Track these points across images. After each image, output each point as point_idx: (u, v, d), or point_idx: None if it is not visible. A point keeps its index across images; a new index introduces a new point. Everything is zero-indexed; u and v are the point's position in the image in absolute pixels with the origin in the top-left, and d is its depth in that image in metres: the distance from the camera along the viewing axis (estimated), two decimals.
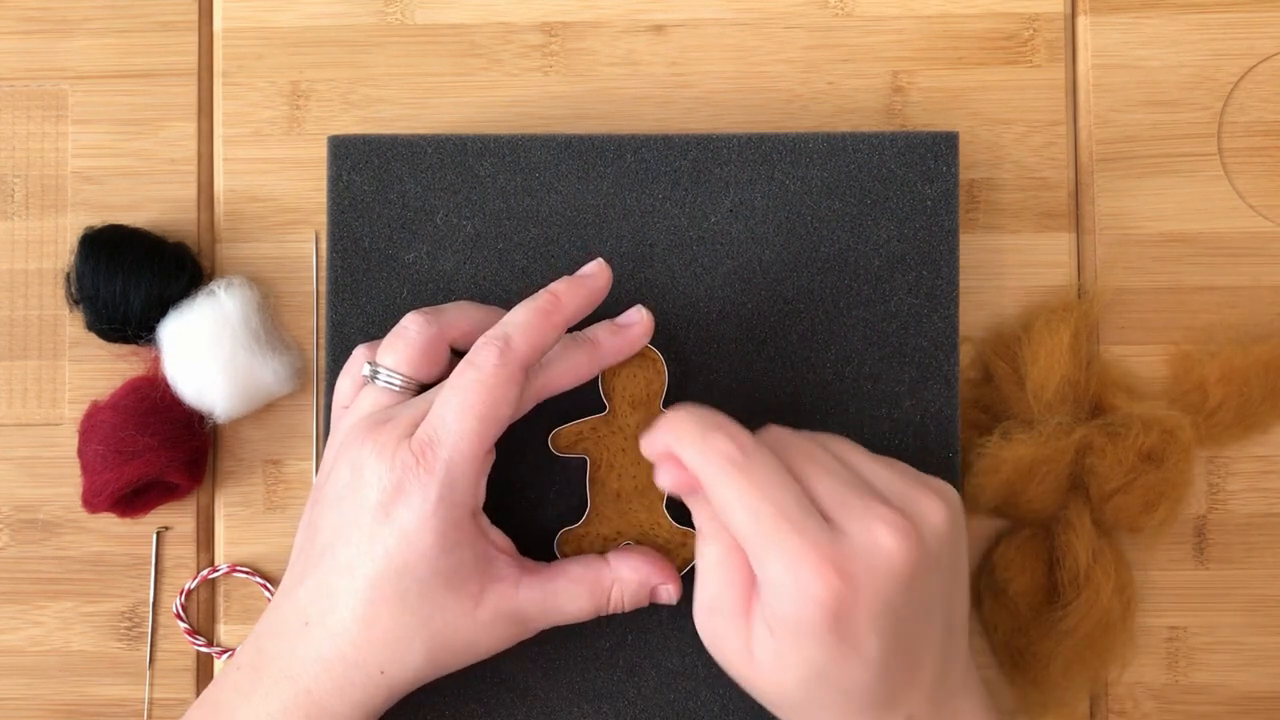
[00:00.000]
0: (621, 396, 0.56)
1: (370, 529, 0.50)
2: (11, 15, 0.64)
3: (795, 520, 0.46)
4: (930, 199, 0.59)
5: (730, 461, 0.47)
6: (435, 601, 0.50)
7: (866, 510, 0.47)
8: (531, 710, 0.58)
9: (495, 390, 0.49)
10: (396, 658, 0.50)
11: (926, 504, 0.48)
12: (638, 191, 0.59)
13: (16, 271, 0.64)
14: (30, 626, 0.63)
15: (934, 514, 0.48)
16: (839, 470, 0.49)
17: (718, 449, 0.47)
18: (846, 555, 0.45)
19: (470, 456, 0.49)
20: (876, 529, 0.46)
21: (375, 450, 0.50)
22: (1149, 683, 0.62)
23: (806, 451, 0.49)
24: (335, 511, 0.51)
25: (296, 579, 0.52)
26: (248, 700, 0.51)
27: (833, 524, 0.46)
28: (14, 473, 0.63)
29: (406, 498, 0.49)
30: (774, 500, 0.46)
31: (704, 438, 0.48)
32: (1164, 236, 0.63)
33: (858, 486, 0.48)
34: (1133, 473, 0.59)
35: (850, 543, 0.46)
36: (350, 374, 0.56)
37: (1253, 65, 0.63)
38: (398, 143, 0.59)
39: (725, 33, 0.64)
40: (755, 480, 0.47)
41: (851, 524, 0.46)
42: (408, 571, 0.49)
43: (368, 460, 0.50)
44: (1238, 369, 0.60)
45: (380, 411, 0.52)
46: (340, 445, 0.53)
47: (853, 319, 0.59)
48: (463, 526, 0.50)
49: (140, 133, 0.64)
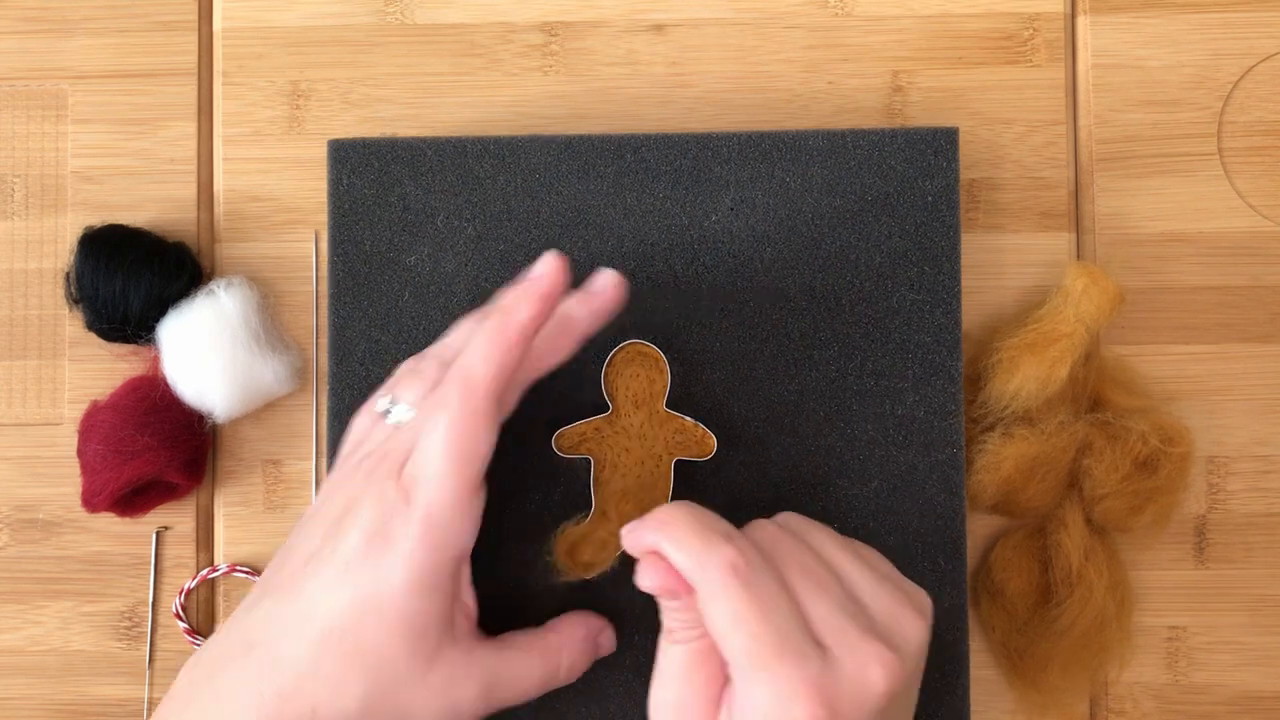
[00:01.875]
0: (624, 396, 0.56)
1: (348, 561, 0.48)
2: (11, 15, 0.64)
3: (794, 648, 0.44)
4: (931, 195, 0.59)
5: (734, 574, 0.45)
6: (390, 646, 0.47)
7: (861, 641, 0.45)
8: (535, 711, 0.58)
9: (464, 428, 0.47)
10: (333, 699, 0.47)
11: (910, 625, 0.47)
12: (638, 191, 0.59)
13: (16, 271, 0.64)
14: (30, 626, 0.63)
15: (916, 635, 0.47)
16: (833, 589, 0.47)
17: (721, 559, 0.45)
18: (836, 687, 0.44)
19: (452, 496, 0.47)
20: (869, 665, 0.45)
21: (370, 487, 0.49)
22: (1149, 683, 0.62)
23: (799, 561, 0.48)
24: (318, 538, 0.49)
25: (255, 599, 0.50)
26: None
27: (826, 651, 0.45)
28: (14, 472, 0.63)
29: (391, 535, 0.48)
30: (775, 624, 0.45)
31: (706, 545, 0.46)
32: (1164, 236, 0.63)
33: (850, 609, 0.47)
34: (1127, 480, 0.59)
35: (841, 674, 0.45)
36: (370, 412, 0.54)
37: (1253, 65, 0.64)
38: (398, 146, 0.59)
39: (725, 32, 0.64)
40: (757, 597, 0.45)
41: (845, 655, 0.45)
42: (372, 609, 0.47)
43: (361, 496, 0.49)
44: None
45: (380, 447, 0.51)
46: (344, 475, 0.51)
47: (855, 316, 0.59)
48: (441, 571, 0.48)
49: (140, 132, 0.64)
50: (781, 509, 0.58)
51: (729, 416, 0.58)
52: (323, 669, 0.47)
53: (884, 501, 0.58)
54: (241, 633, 0.49)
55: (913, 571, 0.58)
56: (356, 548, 0.48)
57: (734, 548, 0.46)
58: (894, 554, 0.58)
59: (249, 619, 0.49)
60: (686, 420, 0.56)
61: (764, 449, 0.59)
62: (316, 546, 0.49)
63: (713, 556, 0.45)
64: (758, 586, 0.45)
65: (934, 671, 0.58)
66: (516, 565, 0.58)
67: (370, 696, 0.47)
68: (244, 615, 0.50)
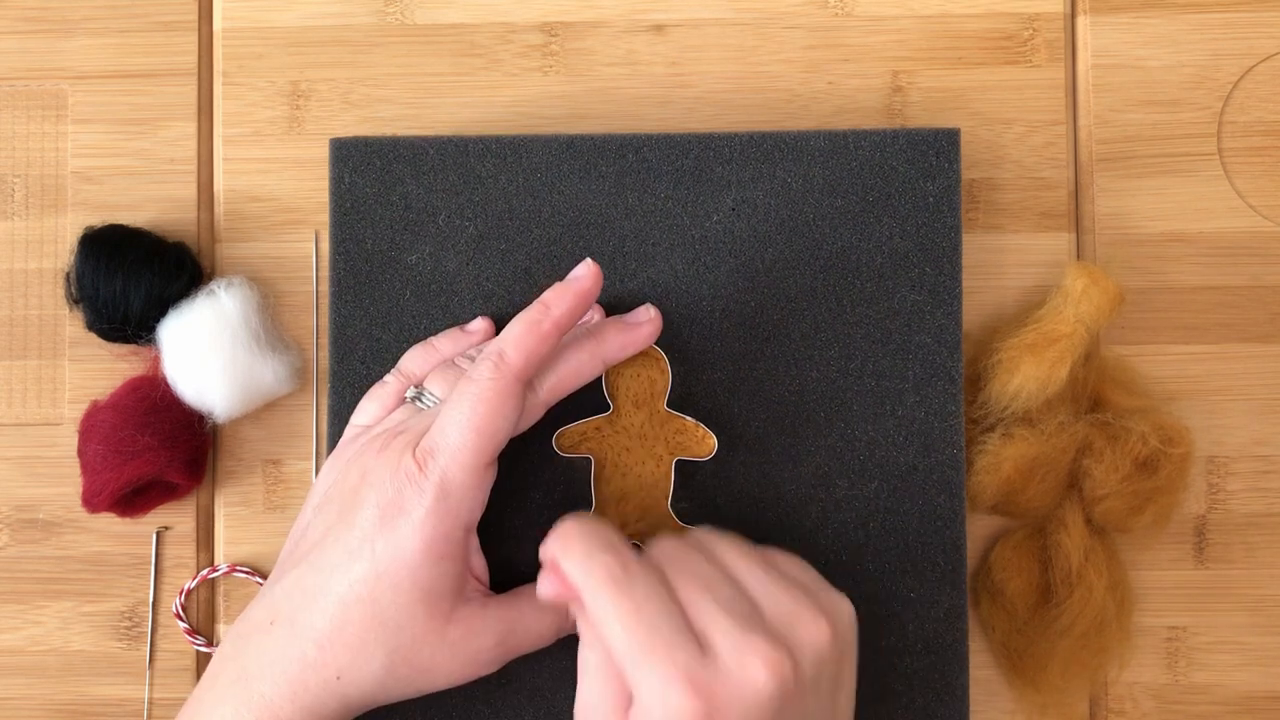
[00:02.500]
0: (625, 396, 0.56)
1: (364, 532, 0.50)
2: (11, 15, 0.64)
3: (668, 642, 0.45)
4: (932, 196, 0.59)
5: (611, 579, 0.47)
6: (408, 612, 0.50)
7: (742, 638, 0.46)
8: (539, 712, 0.58)
9: (491, 403, 0.50)
10: (356, 664, 0.50)
11: (809, 627, 0.47)
12: (640, 191, 0.59)
13: (16, 271, 0.64)
14: (30, 626, 0.63)
15: (815, 637, 0.47)
16: (722, 590, 0.48)
17: (600, 564, 0.47)
18: (716, 682, 0.45)
19: (468, 468, 0.50)
20: (749, 660, 0.45)
21: (386, 459, 0.51)
22: (1149, 683, 0.62)
23: (691, 568, 0.48)
24: (335, 514, 0.52)
25: (274, 579, 0.53)
26: (202, 705, 0.51)
27: (707, 649, 0.46)
28: (14, 472, 0.63)
29: (404, 505, 0.50)
30: (649, 621, 0.46)
31: (587, 553, 0.47)
32: (1163, 236, 0.63)
33: (738, 609, 0.47)
34: (1127, 480, 0.59)
35: (721, 669, 0.45)
36: (377, 397, 0.57)
37: (1253, 65, 0.64)
38: (399, 145, 0.59)
39: (725, 33, 0.64)
40: (634, 599, 0.46)
41: (724, 650, 0.46)
42: (388, 577, 0.50)
43: (376, 468, 0.51)
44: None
45: (398, 425, 0.54)
46: (358, 452, 0.53)
47: (855, 316, 0.59)
48: (452, 540, 0.51)
49: (140, 132, 0.64)
50: (782, 509, 0.58)
51: (729, 416, 0.58)
52: (344, 637, 0.50)
53: (884, 501, 0.58)
54: (266, 608, 0.52)
55: (913, 571, 0.58)
56: (372, 519, 0.50)
57: (613, 556, 0.47)
58: (894, 554, 0.58)
59: (272, 594, 0.52)
60: (687, 420, 0.56)
61: (764, 449, 0.59)
62: (334, 519, 0.52)
63: (594, 564, 0.47)
64: (633, 589, 0.46)
65: (934, 671, 0.58)
66: (517, 564, 0.58)
67: (392, 659, 0.50)
68: (268, 590, 0.53)
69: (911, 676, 0.58)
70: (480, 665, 0.52)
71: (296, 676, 0.50)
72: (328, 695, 0.50)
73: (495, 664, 0.53)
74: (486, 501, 0.52)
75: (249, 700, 0.50)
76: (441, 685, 0.52)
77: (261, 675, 0.50)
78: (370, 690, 0.51)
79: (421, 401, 0.55)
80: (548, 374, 0.53)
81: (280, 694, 0.50)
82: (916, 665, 0.58)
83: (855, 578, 0.58)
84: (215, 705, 0.51)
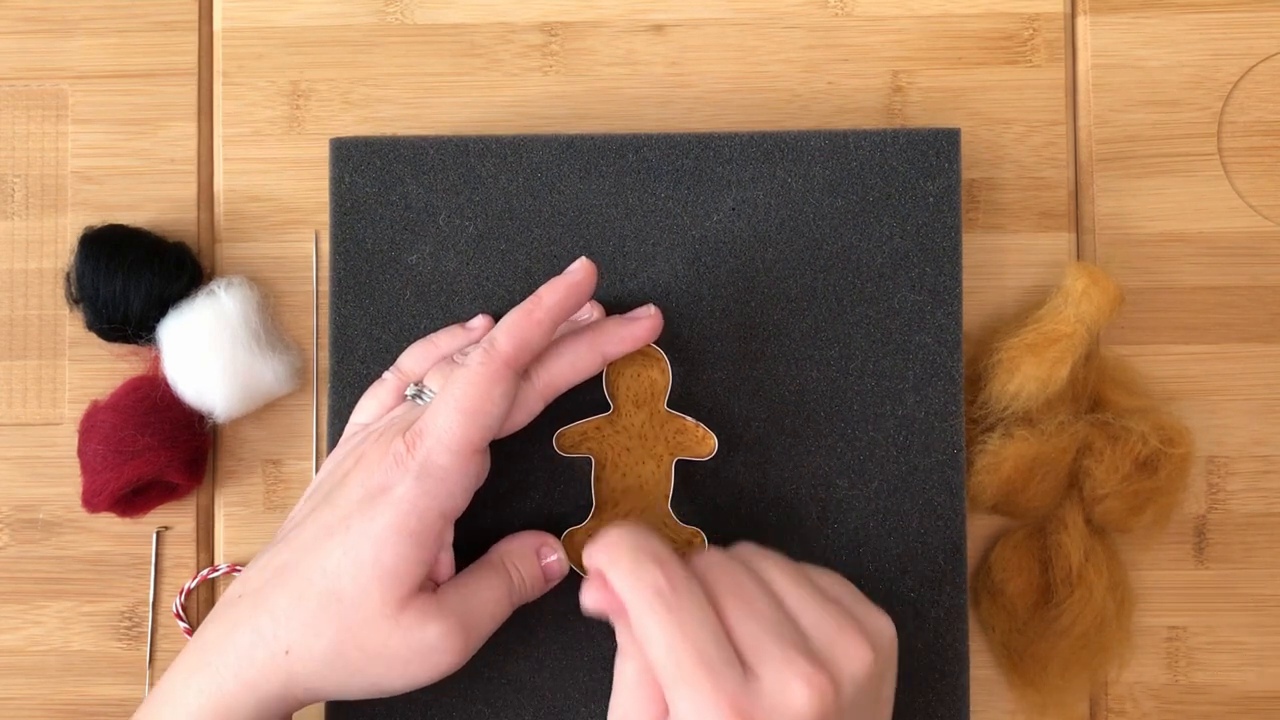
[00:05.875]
0: (625, 396, 0.56)
1: (345, 511, 0.51)
2: (11, 15, 0.64)
3: (710, 663, 0.45)
4: (932, 196, 0.59)
5: (658, 595, 0.46)
6: (364, 588, 0.50)
7: (784, 660, 0.46)
8: (539, 711, 0.58)
9: (479, 385, 0.50)
10: (305, 640, 0.50)
11: (851, 650, 0.47)
12: (640, 191, 0.59)
13: (16, 271, 0.64)
14: (30, 626, 0.63)
15: (856, 661, 0.47)
16: (765, 609, 0.48)
17: (647, 580, 0.47)
18: (757, 705, 0.45)
19: (452, 450, 0.50)
20: (791, 683, 0.45)
21: (379, 447, 0.51)
22: (1149, 683, 0.62)
23: (736, 586, 0.48)
24: (320, 497, 0.52)
25: (255, 558, 0.53)
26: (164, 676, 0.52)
27: (749, 670, 0.46)
28: (14, 472, 0.63)
29: (387, 484, 0.50)
30: (693, 640, 0.46)
31: (636, 566, 0.47)
32: (1163, 236, 0.63)
33: (781, 630, 0.47)
34: (1127, 480, 0.59)
35: (762, 692, 0.45)
36: (376, 395, 0.57)
37: (1252, 65, 0.64)
38: (399, 144, 0.59)
39: (725, 33, 0.64)
40: (679, 617, 0.46)
41: (767, 673, 0.45)
42: (353, 552, 0.50)
43: (370, 454, 0.52)
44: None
45: (401, 417, 0.54)
46: (356, 444, 0.54)
47: (856, 316, 0.59)
48: (425, 522, 0.50)
49: (140, 133, 0.64)
50: (782, 509, 0.58)
51: (729, 416, 0.58)
52: (299, 612, 0.50)
53: (884, 501, 0.58)
54: (240, 583, 0.52)
55: (913, 571, 0.58)
56: (356, 498, 0.51)
57: (661, 570, 0.47)
58: (894, 554, 0.58)
59: (248, 571, 0.53)
60: (687, 420, 0.56)
61: (764, 449, 0.59)
62: (319, 501, 0.52)
63: (641, 578, 0.47)
64: (680, 607, 0.46)
65: (934, 672, 0.58)
66: None
67: (340, 637, 0.50)
68: (247, 568, 0.53)
69: (911, 676, 0.58)
70: (440, 656, 0.51)
71: (246, 650, 0.50)
72: (273, 670, 0.50)
73: (458, 653, 0.51)
74: (471, 495, 0.51)
75: (198, 669, 0.50)
76: (397, 682, 0.51)
77: (215, 647, 0.51)
78: (317, 670, 0.50)
79: (421, 399, 0.55)
80: (544, 365, 0.53)
81: (228, 665, 0.50)
82: (916, 665, 0.58)
83: (855, 578, 0.58)
84: (171, 675, 0.51)
